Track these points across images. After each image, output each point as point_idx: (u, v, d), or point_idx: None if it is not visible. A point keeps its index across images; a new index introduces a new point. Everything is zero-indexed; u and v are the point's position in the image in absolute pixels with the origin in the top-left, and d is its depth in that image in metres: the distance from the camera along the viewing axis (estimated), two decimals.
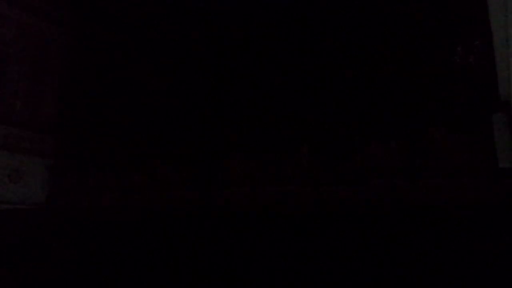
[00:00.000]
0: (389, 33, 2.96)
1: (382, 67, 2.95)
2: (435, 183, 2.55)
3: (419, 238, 2.57)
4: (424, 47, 2.78)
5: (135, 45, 4.39)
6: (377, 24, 3.03)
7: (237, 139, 3.55)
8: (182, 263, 3.37)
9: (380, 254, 2.66)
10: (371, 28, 3.06)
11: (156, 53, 4.22)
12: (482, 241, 2.37)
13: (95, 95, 4.49)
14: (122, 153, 4.11)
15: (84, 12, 4.76)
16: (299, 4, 3.49)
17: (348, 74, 3.11)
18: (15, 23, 4.14)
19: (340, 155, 3.02)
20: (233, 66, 3.75)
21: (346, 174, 2.95)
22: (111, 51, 4.53)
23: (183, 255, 3.39)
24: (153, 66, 4.21)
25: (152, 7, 4.36)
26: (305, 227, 2.98)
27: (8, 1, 4.03)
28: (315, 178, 3.08)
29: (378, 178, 2.78)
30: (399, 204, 2.67)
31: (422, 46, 2.79)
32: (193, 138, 3.81)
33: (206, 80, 3.89)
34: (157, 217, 3.69)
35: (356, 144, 2.96)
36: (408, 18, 2.89)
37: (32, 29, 4.29)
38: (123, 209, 3.89)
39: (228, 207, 3.37)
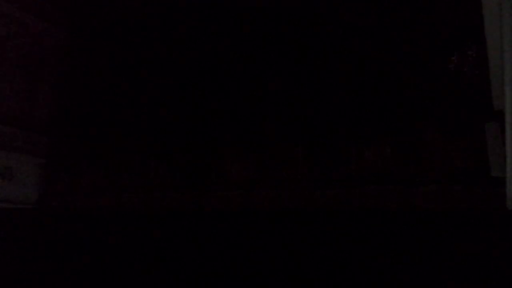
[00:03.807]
0: (387, 42, 2.98)
1: (378, 75, 2.97)
2: (429, 189, 2.57)
3: (413, 242, 2.58)
4: (420, 56, 2.80)
5: (131, 45, 4.38)
6: (375, 33, 3.05)
7: (232, 142, 3.55)
8: (176, 263, 3.35)
9: (374, 259, 2.67)
10: (368, 37, 3.08)
11: (152, 55, 4.22)
12: (473, 247, 2.39)
13: (90, 95, 4.47)
14: (116, 154, 4.09)
15: (82, 13, 4.74)
16: (296, 5, 3.51)
17: (344, 80, 3.13)
18: (12, 21, 4.12)
19: (335, 160, 3.03)
20: (230, 69, 3.75)
21: (341, 179, 2.96)
22: (107, 51, 4.52)
23: (177, 256, 3.38)
24: (149, 68, 4.21)
25: (149, 8, 4.36)
26: (300, 230, 2.99)
27: (7, 0, 4.01)
28: (310, 182, 3.09)
29: (372, 183, 2.79)
30: (393, 209, 2.69)
31: (418, 55, 2.81)
32: (188, 140, 3.81)
33: (201, 82, 3.89)
34: (152, 218, 3.68)
35: (351, 149, 2.97)
36: (404, 27, 2.92)
37: (29, 28, 4.27)
38: (116, 210, 3.87)
39: (222, 209, 3.37)
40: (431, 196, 2.57)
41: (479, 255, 2.36)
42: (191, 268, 3.25)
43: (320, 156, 3.13)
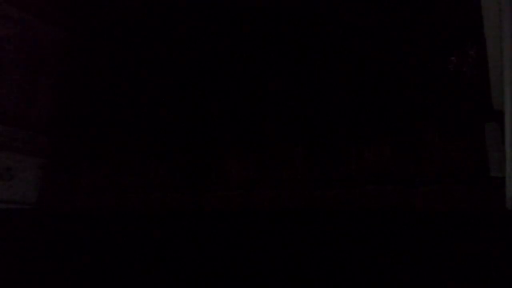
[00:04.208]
0: (387, 42, 2.98)
1: (378, 75, 2.97)
2: (428, 189, 2.57)
3: (413, 242, 2.58)
4: (420, 56, 2.81)
5: (131, 45, 4.38)
6: (375, 33, 3.05)
7: (232, 142, 3.55)
8: (176, 263, 3.35)
9: (374, 259, 2.67)
10: (368, 37, 3.08)
11: (152, 55, 4.22)
12: (472, 247, 2.39)
13: (90, 95, 4.47)
14: (116, 154, 4.09)
15: (82, 13, 4.74)
16: (296, 5, 3.51)
17: (344, 80, 3.13)
18: (12, 22, 4.12)
19: (335, 160, 3.03)
20: (230, 69, 3.75)
21: (341, 179, 2.96)
22: (107, 51, 4.52)
23: (177, 255, 3.38)
24: (149, 68, 4.21)
25: (149, 8, 4.36)
26: (300, 230, 2.99)
27: (7, 0, 4.01)
28: (310, 182, 3.09)
29: (372, 183, 2.79)
30: (393, 209, 2.69)
31: (418, 55, 2.82)
32: (188, 140, 3.80)
33: (201, 82, 3.89)
34: (152, 218, 3.68)
35: (351, 149, 2.97)
36: (404, 27, 2.92)
37: (29, 28, 4.27)
38: (116, 210, 3.87)
39: (222, 209, 3.37)
40: (430, 196, 2.58)
41: (479, 255, 2.36)
42: (191, 268, 3.26)
43: (320, 156, 3.13)
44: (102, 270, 3.57)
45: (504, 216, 2.26)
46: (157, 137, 3.94)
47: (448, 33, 2.69)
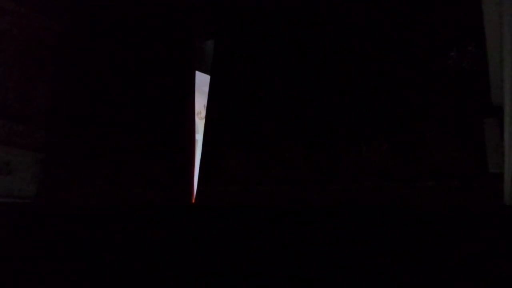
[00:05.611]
0: (387, 42, 3.02)
1: (377, 72, 3.00)
2: (426, 185, 2.59)
3: (412, 239, 2.60)
4: (419, 53, 2.84)
5: (131, 44, 4.40)
6: (375, 33, 3.09)
7: (233, 142, 3.56)
8: (172, 260, 3.34)
9: (372, 255, 2.68)
10: (368, 37, 3.11)
11: (149, 51, 4.24)
12: (470, 244, 2.40)
13: (89, 92, 4.47)
14: (114, 149, 4.09)
15: (82, 10, 4.76)
16: (296, 5, 3.55)
17: (344, 80, 3.16)
18: (10, 15, 4.12)
19: (334, 156, 3.05)
20: (230, 69, 3.77)
21: (339, 175, 2.97)
22: (107, 50, 4.53)
23: (173, 252, 3.37)
24: (148, 67, 4.22)
25: (149, 8, 4.38)
26: (297, 226, 2.99)
27: None
28: (308, 178, 3.10)
29: (371, 180, 2.81)
30: (391, 206, 2.70)
31: (417, 52, 2.85)
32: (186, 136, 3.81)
33: (200, 82, 3.91)
34: (149, 213, 3.67)
35: (351, 148, 3.00)
36: (404, 27, 2.96)
37: (28, 22, 4.28)
38: (114, 205, 3.86)
39: (222, 206, 3.37)
40: (428, 192, 2.59)
41: (477, 252, 2.37)
42: (190, 264, 3.25)
43: (319, 153, 3.15)
44: (100, 265, 3.55)
45: (503, 212, 2.28)
46: (156, 136, 3.94)
47: (448, 33, 2.73)
